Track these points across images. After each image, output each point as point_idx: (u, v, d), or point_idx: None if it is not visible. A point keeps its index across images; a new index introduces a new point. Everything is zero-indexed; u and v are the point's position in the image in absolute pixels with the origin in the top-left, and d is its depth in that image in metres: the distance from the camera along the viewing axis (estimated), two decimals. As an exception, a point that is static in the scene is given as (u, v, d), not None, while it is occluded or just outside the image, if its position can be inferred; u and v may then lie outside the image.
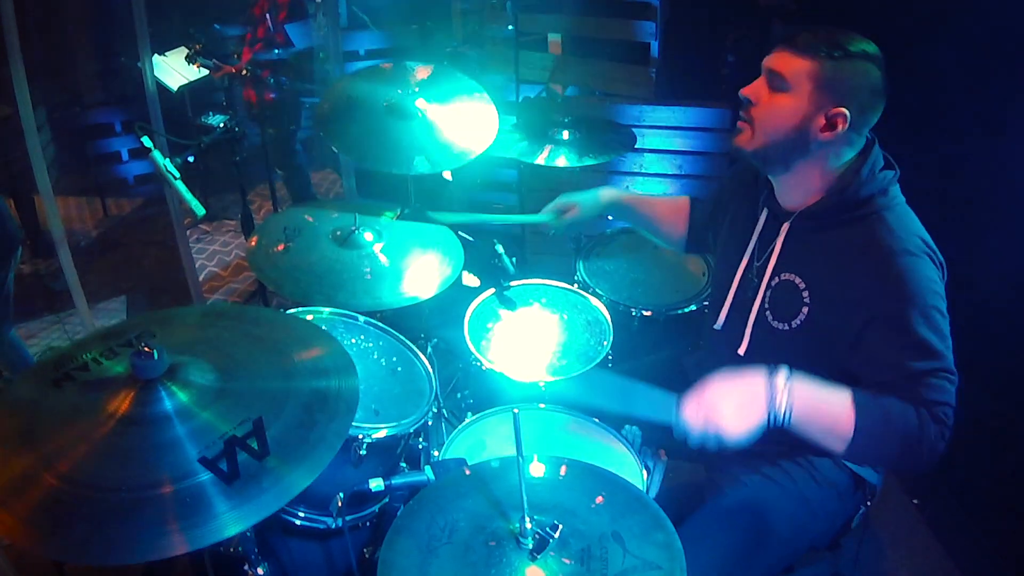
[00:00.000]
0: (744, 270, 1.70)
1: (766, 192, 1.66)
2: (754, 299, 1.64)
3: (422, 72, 2.41)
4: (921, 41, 2.76)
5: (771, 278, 1.62)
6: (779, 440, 1.66)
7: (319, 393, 1.33)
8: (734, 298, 1.72)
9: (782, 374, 1.39)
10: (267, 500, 1.13)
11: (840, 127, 1.47)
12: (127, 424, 1.19)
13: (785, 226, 1.60)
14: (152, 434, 1.18)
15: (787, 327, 1.57)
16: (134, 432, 1.19)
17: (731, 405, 1.37)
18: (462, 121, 2.33)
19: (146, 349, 1.20)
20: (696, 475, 1.83)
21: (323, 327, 1.96)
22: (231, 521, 1.10)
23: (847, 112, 1.46)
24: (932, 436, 1.38)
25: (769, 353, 1.60)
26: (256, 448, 1.17)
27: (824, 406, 1.39)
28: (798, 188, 1.57)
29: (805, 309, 1.54)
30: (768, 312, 1.62)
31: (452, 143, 2.29)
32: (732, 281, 1.72)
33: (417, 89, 2.35)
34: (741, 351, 1.68)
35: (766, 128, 1.51)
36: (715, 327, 1.77)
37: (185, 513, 1.09)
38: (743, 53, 3.41)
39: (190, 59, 3.88)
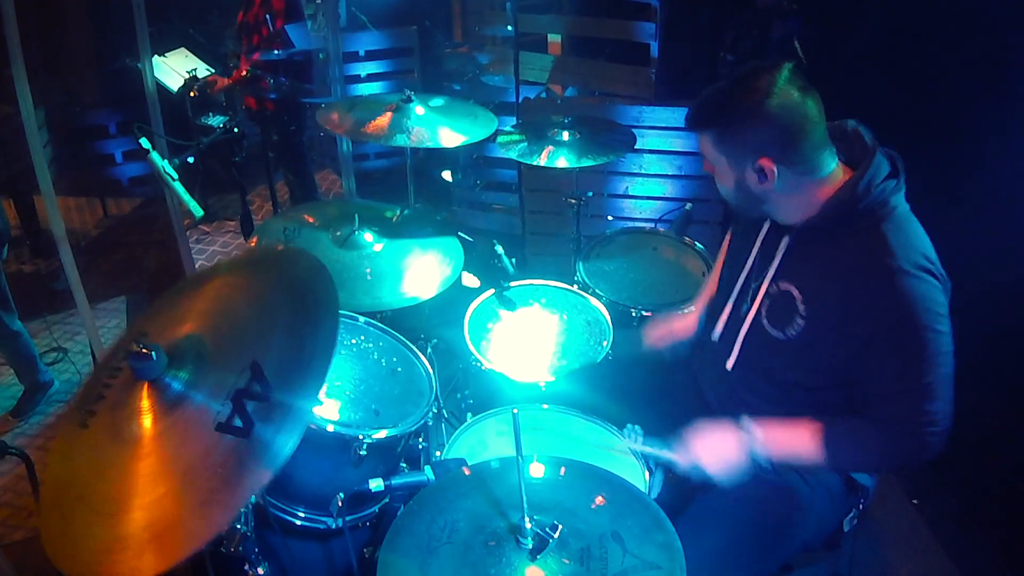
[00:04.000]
0: (744, 280, 1.70)
1: None
2: (750, 309, 1.65)
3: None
4: (919, 40, 2.77)
5: (769, 286, 1.62)
6: None
7: (299, 310, 1.31)
8: (732, 308, 1.72)
9: (754, 426, 1.56)
10: (291, 426, 1.14)
11: (771, 176, 1.48)
12: (155, 426, 1.20)
13: (786, 239, 1.60)
14: (180, 419, 1.19)
15: (783, 335, 1.58)
16: (166, 428, 1.19)
17: (714, 459, 1.56)
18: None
19: (143, 351, 1.19)
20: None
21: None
22: (277, 450, 1.11)
23: (770, 162, 1.46)
24: (911, 448, 1.49)
25: (761, 362, 1.63)
26: (260, 391, 1.18)
27: (794, 444, 1.55)
28: (789, 209, 1.56)
29: (800, 321, 1.54)
30: (765, 320, 1.62)
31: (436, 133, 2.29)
32: (733, 290, 1.73)
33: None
34: (729, 365, 1.69)
35: (725, 194, 1.60)
36: (712, 338, 1.77)
37: (242, 461, 1.11)
38: (741, 53, 3.41)
39: (187, 86, 3.91)
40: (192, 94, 3.91)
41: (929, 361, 1.43)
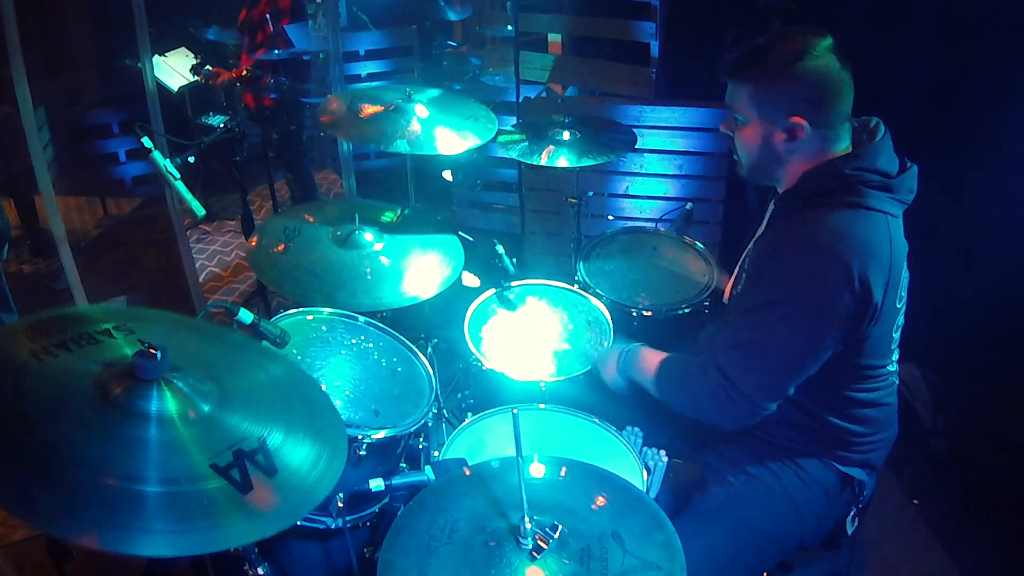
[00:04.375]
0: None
1: None
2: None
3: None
4: (919, 40, 2.77)
5: (751, 249, 1.70)
6: (769, 442, 1.68)
7: (314, 420, 1.31)
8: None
9: (633, 347, 1.85)
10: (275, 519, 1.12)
11: (801, 134, 1.50)
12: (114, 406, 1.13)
13: (771, 206, 1.67)
14: (134, 428, 1.12)
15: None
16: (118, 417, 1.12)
17: (604, 369, 1.92)
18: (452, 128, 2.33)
19: (152, 350, 1.15)
20: (695, 475, 1.83)
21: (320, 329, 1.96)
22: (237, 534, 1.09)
23: (802, 119, 1.49)
24: (715, 402, 1.54)
25: None
26: (265, 465, 1.17)
27: (642, 366, 1.78)
28: (790, 178, 1.60)
29: (744, 276, 1.67)
30: (739, 283, 1.72)
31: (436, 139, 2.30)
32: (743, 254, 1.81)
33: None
34: None
35: (744, 155, 1.62)
36: (724, 301, 1.90)
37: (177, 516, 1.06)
38: (742, 53, 3.41)
39: (194, 71, 3.89)
40: (199, 79, 3.89)
41: (771, 328, 1.48)
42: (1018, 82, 2.42)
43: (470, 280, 2.65)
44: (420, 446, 1.90)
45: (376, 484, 1.54)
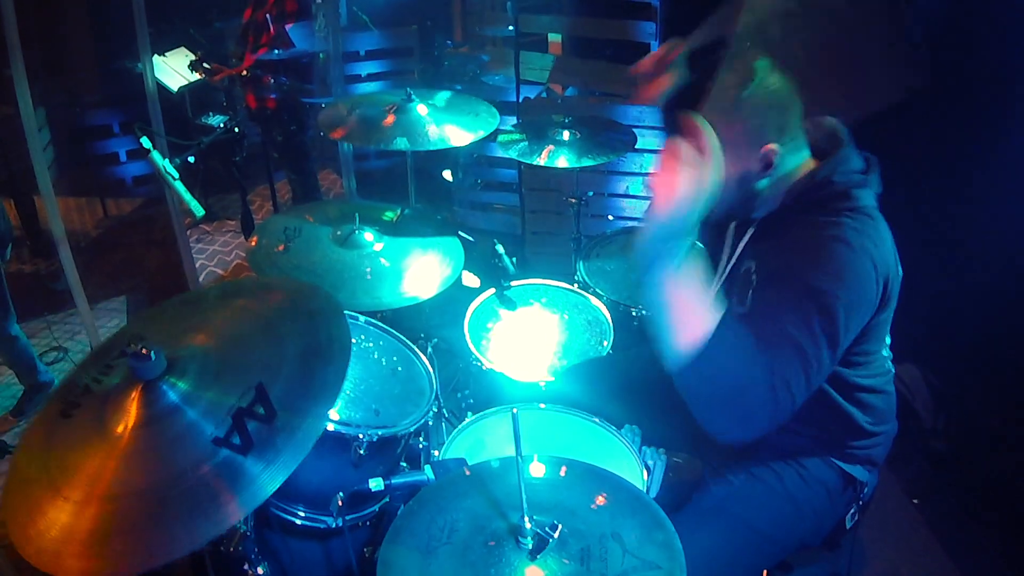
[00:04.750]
0: (719, 270, 1.71)
1: None
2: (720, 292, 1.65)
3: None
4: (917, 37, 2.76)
5: (735, 268, 1.63)
6: (771, 440, 1.67)
7: (311, 344, 1.32)
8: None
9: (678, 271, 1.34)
10: (289, 454, 1.15)
11: (774, 158, 1.46)
12: (142, 428, 1.19)
13: (751, 229, 1.61)
14: (168, 428, 1.18)
15: (743, 310, 1.53)
16: (152, 432, 1.19)
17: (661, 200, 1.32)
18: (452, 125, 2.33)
19: (143, 352, 1.19)
20: (695, 474, 1.84)
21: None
22: (267, 480, 1.12)
23: (772, 145, 1.45)
24: (763, 396, 1.31)
25: None
26: (263, 413, 1.18)
27: (694, 297, 1.35)
28: (778, 197, 1.56)
29: (750, 291, 1.51)
30: (734, 298, 1.60)
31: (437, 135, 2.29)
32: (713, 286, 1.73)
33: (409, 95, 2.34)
34: None
35: (721, 202, 1.44)
36: None
37: (224, 487, 1.11)
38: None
39: (193, 67, 3.89)
40: (199, 75, 3.88)
41: (822, 329, 1.35)
42: (1018, 81, 2.42)
43: (470, 280, 2.65)
44: (420, 446, 1.90)
45: (376, 484, 1.54)
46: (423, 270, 2.14)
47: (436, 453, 1.82)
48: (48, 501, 1.14)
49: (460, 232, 2.31)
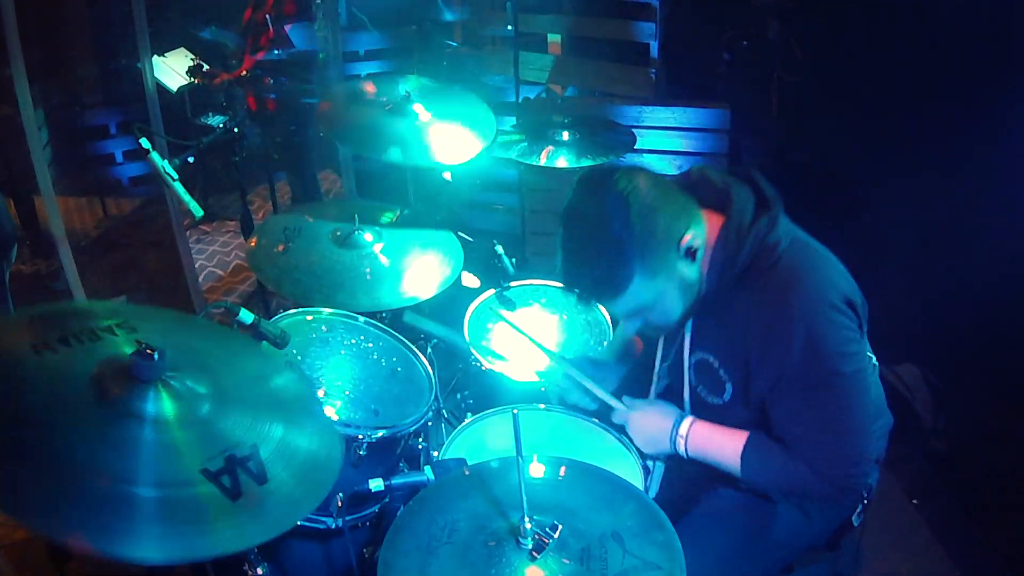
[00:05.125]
0: (663, 353, 1.71)
1: None
2: (683, 382, 1.64)
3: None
4: (918, 39, 2.77)
5: (690, 357, 1.61)
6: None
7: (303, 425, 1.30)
8: (669, 377, 1.71)
9: (686, 423, 1.59)
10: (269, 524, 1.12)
11: (698, 243, 1.43)
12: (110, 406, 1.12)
13: (689, 321, 1.58)
14: (129, 429, 1.11)
15: (720, 401, 1.57)
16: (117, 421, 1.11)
17: (642, 438, 1.65)
18: (450, 135, 2.33)
19: (149, 351, 1.14)
20: (695, 474, 1.83)
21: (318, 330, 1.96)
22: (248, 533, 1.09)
23: (687, 234, 1.42)
24: (818, 491, 1.46)
25: (712, 419, 1.60)
26: (256, 473, 1.16)
27: (716, 451, 1.56)
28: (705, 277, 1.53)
29: (728, 385, 1.54)
30: (700, 388, 1.61)
31: (433, 149, 2.28)
32: (654, 363, 1.74)
33: (409, 95, 2.34)
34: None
35: (675, 316, 1.52)
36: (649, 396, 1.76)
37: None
38: (738, 52, 3.42)
39: (192, 73, 3.89)
40: (196, 80, 3.89)
41: (839, 406, 1.41)
42: (1018, 80, 2.42)
43: (470, 280, 2.65)
44: (420, 446, 1.90)
45: (376, 484, 1.54)
46: (422, 270, 2.14)
47: (436, 454, 1.82)
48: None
49: (460, 232, 2.30)
